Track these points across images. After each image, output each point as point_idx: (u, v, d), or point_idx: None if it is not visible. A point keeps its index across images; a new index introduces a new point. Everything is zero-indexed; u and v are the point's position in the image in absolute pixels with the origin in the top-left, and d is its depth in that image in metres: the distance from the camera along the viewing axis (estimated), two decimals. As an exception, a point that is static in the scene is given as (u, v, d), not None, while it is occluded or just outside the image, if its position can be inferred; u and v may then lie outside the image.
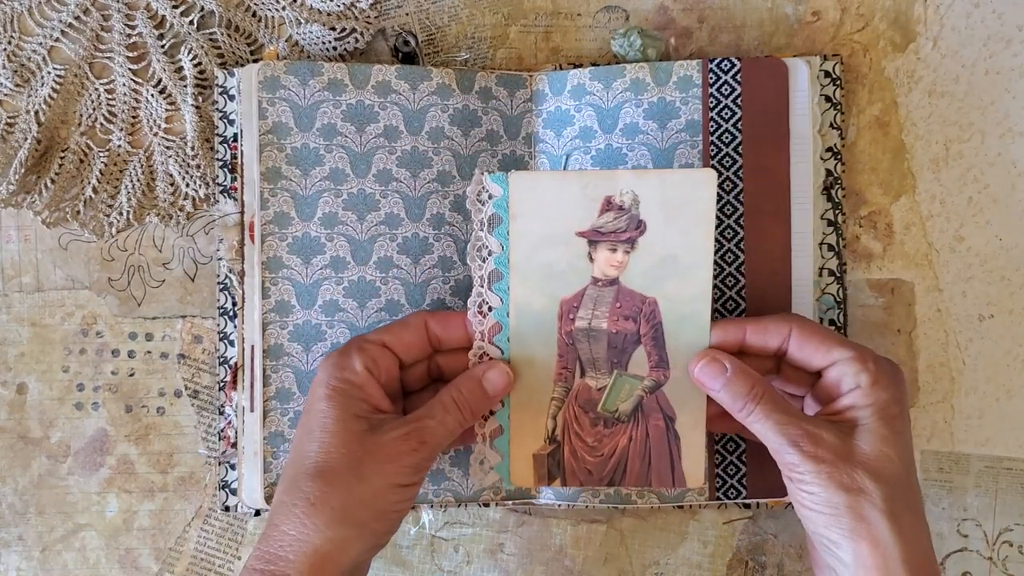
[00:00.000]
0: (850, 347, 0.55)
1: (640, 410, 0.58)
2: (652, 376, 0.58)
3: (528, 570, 0.66)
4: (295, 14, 0.65)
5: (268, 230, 0.61)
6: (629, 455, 0.59)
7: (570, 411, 0.59)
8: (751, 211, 0.62)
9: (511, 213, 0.56)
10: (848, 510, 0.51)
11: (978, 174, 0.65)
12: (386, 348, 0.57)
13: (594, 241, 0.56)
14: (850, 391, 0.54)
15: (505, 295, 0.57)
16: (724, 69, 0.62)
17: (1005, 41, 0.65)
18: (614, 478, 0.59)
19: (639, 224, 0.55)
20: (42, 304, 0.66)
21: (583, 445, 0.59)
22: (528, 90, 0.64)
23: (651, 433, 0.59)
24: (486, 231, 0.56)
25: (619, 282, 0.57)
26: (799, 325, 0.56)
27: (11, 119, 0.64)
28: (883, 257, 0.65)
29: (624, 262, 0.56)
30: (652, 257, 0.56)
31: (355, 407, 0.54)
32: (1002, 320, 0.65)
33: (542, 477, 0.59)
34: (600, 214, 0.55)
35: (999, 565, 0.66)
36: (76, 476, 0.66)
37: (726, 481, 0.63)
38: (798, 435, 0.52)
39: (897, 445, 0.52)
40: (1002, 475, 0.65)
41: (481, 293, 0.57)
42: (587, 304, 0.57)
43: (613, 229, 0.56)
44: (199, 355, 0.66)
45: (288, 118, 0.61)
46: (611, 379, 0.58)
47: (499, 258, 0.57)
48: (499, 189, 0.56)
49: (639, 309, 0.57)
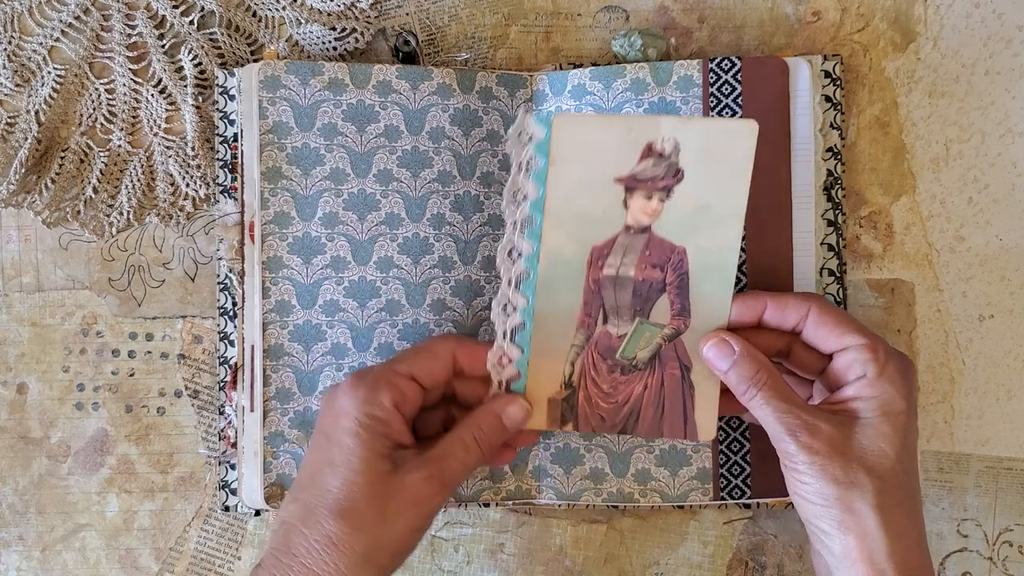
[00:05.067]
0: (864, 334, 0.55)
1: (657, 358, 0.58)
2: (673, 324, 0.58)
3: (528, 570, 0.66)
4: (295, 14, 0.65)
5: (268, 230, 0.61)
6: (643, 403, 0.59)
7: (588, 357, 0.58)
8: (752, 210, 0.62)
9: (552, 156, 0.54)
10: (838, 502, 0.51)
11: (978, 174, 0.65)
12: (413, 380, 0.56)
13: (631, 188, 0.55)
14: (856, 380, 0.54)
15: (537, 241, 0.56)
16: (724, 68, 0.62)
17: (1005, 41, 0.65)
18: (626, 426, 0.59)
19: (677, 172, 0.54)
20: (42, 304, 0.66)
21: (598, 392, 0.59)
22: (528, 90, 0.64)
23: (667, 382, 0.59)
24: (523, 174, 0.55)
25: (651, 230, 0.56)
26: (819, 305, 0.56)
27: (11, 119, 0.64)
28: (883, 257, 0.65)
29: (658, 210, 0.55)
30: (686, 206, 0.55)
31: (381, 445, 0.54)
32: (1002, 320, 0.65)
33: (555, 420, 0.59)
34: (640, 160, 0.54)
35: (999, 565, 0.66)
36: (76, 476, 0.66)
37: (730, 481, 0.63)
38: (796, 424, 0.53)
39: (895, 441, 0.52)
40: (1002, 475, 0.65)
41: (512, 239, 0.56)
42: (617, 252, 0.56)
43: (651, 176, 0.54)
44: (199, 355, 0.66)
45: (289, 117, 0.61)
46: (632, 326, 0.58)
47: (535, 202, 0.55)
48: (542, 131, 0.54)
49: (668, 258, 0.56)
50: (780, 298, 0.57)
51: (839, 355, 0.55)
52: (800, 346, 0.57)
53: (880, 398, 0.53)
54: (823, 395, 0.57)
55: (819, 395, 0.59)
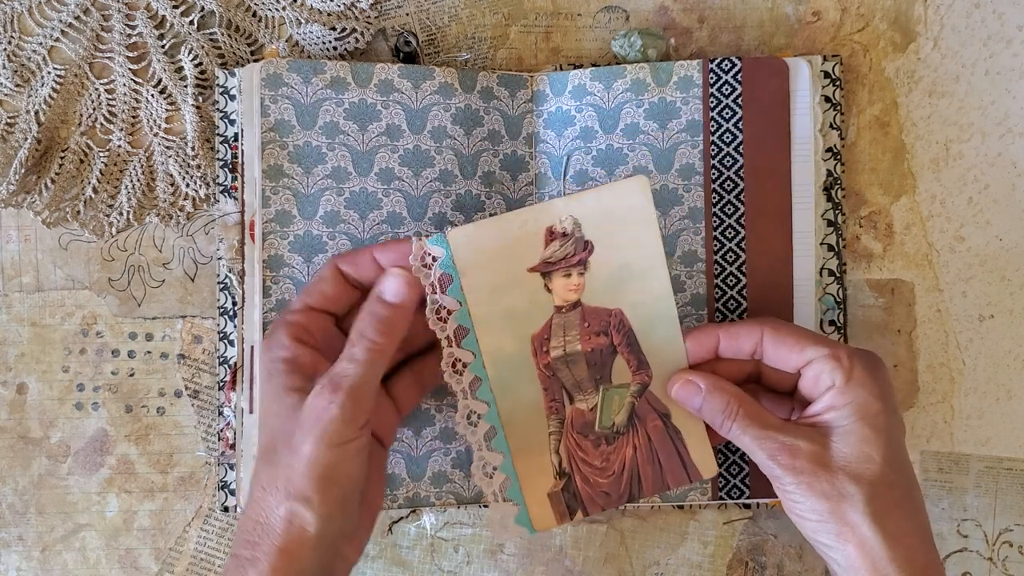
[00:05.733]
0: (824, 344, 0.54)
1: (635, 417, 0.58)
2: (636, 380, 0.58)
3: (528, 570, 0.66)
4: (295, 14, 0.65)
5: (269, 228, 0.61)
6: (639, 464, 0.59)
7: (570, 440, 0.58)
8: (752, 211, 0.62)
9: (459, 269, 0.54)
10: (832, 515, 0.51)
11: (978, 174, 0.65)
12: (312, 310, 0.56)
13: (547, 272, 0.56)
14: (827, 391, 0.53)
15: (476, 348, 0.56)
16: (725, 69, 0.62)
17: (1005, 41, 0.65)
18: (632, 492, 0.59)
19: (586, 245, 0.55)
20: (42, 304, 0.65)
21: (592, 469, 0.58)
22: (529, 90, 0.64)
23: (652, 435, 0.58)
24: (439, 292, 0.55)
25: (581, 303, 0.56)
26: (771, 327, 0.56)
27: (11, 119, 0.64)
28: (883, 257, 0.66)
29: (581, 284, 0.56)
30: (607, 271, 0.56)
31: (289, 381, 0.53)
32: (1002, 320, 0.65)
33: (563, 515, 0.59)
34: (546, 246, 0.55)
35: (999, 565, 0.66)
36: (76, 476, 0.65)
37: (729, 481, 0.63)
38: (775, 448, 0.53)
39: (878, 444, 0.52)
40: (1002, 475, 0.65)
41: (452, 352, 0.56)
42: (557, 333, 0.57)
43: (562, 256, 0.55)
44: (199, 355, 0.66)
45: (290, 116, 0.61)
46: (599, 396, 0.58)
47: (460, 314, 0.55)
48: (441, 250, 0.54)
49: (607, 322, 0.57)
50: (731, 327, 0.57)
51: (805, 370, 0.55)
52: (766, 367, 0.57)
53: (854, 403, 0.53)
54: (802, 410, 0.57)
55: (799, 410, 0.58)
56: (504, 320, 0.56)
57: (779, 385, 0.57)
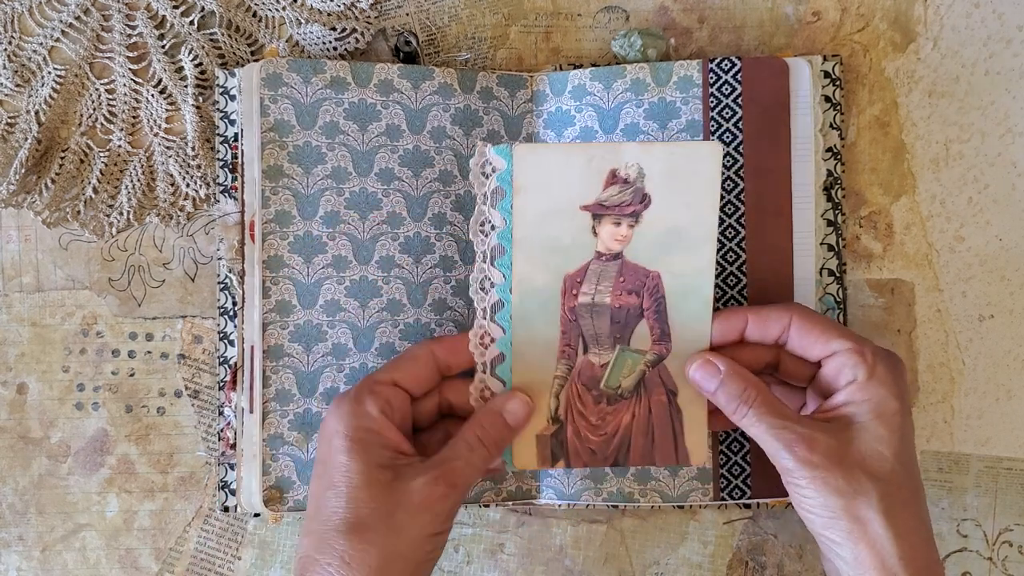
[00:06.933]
0: (849, 338, 0.55)
1: (642, 386, 0.58)
2: (654, 350, 0.58)
3: (528, 570, 0.66)
4: (295, 14, 0.65)
5: (269, 228, 0.61)
6: (632, 433, 0.59)
7: (573, 389, 0.58)
8: (753, 210, 0.62)
9: (515, 186, 0.54)
10: (844, 512, 0.51)
11: (978, 174, 0.65)
12: (398, 387, 0.56)
13: (598, 215, 0.55)
14: (847, 385, 0.54)
15: (508, 271, 0.56)
16: (724, 69, 0.62)
17: (1005, 41, 0.65)
18: (618, 457, 0.59)
19: (644, 197, 0.55)
20: (42, 304, 0.65)
21: (586, 424, 0.59)
22: (529, 90, 0.64)
23: (654, 409, 0.58)
24: (489, 204, 0.55)
25: (623, 256, 0.56)
26: (799, 314, 0.56)
27: (11, 119, 0.64)
28: (883, 257, 0.66)
29: (628, 236, 0.55)
30: (656, 230, 0.55)
31: (377, 456, 0.53)
32: (1002, 320, 0.65)
33: (545, 459, 0.59)
34: (605, 187, 0.54)
35: (999, 565, 0.66)
36: (76, 476, 0.65)
37: (730, 481, 0.63)
38: (792, 439, 0.52)
39: (892, 442, 0.52)
40: (1002, 475, 0.65)
41: (484, 269, 0.56)
42: (591, 279, 0.56)
43: (618, 203, 0.55)
44: (199, 355, 0.66)
45: (290, 116, 0.61)
46: (614, 355, 0.58)
47: (502, 232, 0.55)
48: (503, 162, 0.54)
49: (643, 283, 0.56)
50: (760, 311, 0.57)
51: (827, 361, 0.55)
52: (788, 356, 0.57)
53: (872, 400, 0.53)
54: (816, 403, 0.57)
55: (812, 403, 0.58)
56: (543, 250, 0.56)
57: (796, 377, 0.58)
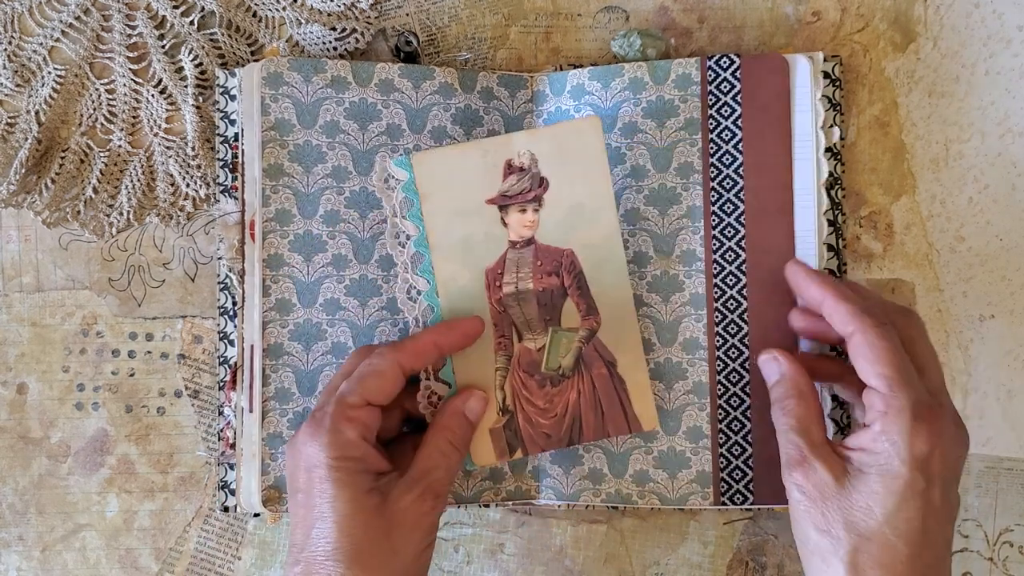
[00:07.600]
0: (886, 380, 0.52)
1: (582, 362, 0.60)
2: (585, 325, 0.60)
3: (528, 570, 0.66)
4: (295, 14, 0.65)
5: (269, 227, 0.61)
6: (581, 409, 0.60)
7: (516, 378, 0.60)
8: (753, 209, 0.62)
9: (420, 193, 0.57)
10: (817, 548, 0.52)
11: (978, 174, 0.65)
12: (369, 405, 0.55)
13: (504, 206, 0.58)
14: (868, 427, 0.52)
15: (431, 276, 0.58)
16: (723, 66, 0.62)
17: (1005, 41, 0.65)
18: (572, 436, 0.60)
19: (542, 181, 0.58)
20: (42, 304, 0.65)
21: (535, 409, 0.60)
22: (529, 90, 0.64)
23: (597, 383, 0.60)
24: (400, 216, 0.58)
25: (535, 240, 0.59)
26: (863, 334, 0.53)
27: (11, 119, 0.64)
28: (883, 257, 0.65)
29: (536, 220, 0.59)
30: (560, 210, 0.59)
31: (363, 482, 0.52)
32: (1002, 320, 0.65)
33: (503, 451, 0.60)
34: (504, 178, 0.58)
35: (999, 565, 0.66)
36: (76, 476, 0.65)
37: (731, 486, 0.63)
38: (796, 460, 0.53)
39: (885, 504, 0.50)
40: (1002, 475, 0.65)
41: (407, 279, 0.59)
42: (510, 268, 0.59)
43: (519, 191, 0.58)
44: (199, 355, 0.66)
45: (291, 115, 0.61)
46: (548, 337, 0.60)
47: (418, 240, 0.58)
48: (404, 172, 0.57)
49: (559, 263, 0.59)
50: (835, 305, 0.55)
51: (867, 390, 0.53)
52: None
53: (881, 456, 0.51)
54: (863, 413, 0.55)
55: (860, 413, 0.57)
56: (460, 249, 0.58)
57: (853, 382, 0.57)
